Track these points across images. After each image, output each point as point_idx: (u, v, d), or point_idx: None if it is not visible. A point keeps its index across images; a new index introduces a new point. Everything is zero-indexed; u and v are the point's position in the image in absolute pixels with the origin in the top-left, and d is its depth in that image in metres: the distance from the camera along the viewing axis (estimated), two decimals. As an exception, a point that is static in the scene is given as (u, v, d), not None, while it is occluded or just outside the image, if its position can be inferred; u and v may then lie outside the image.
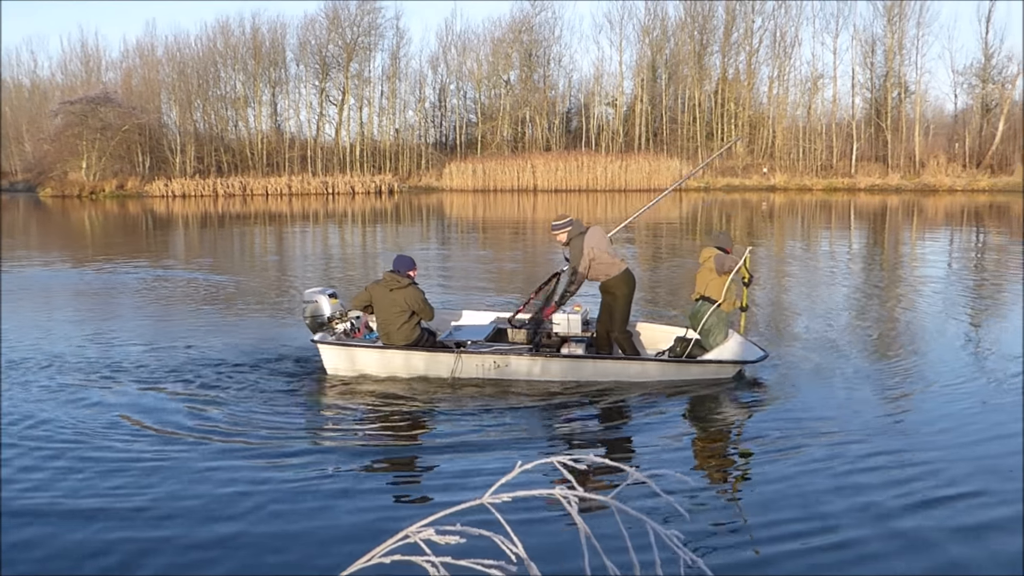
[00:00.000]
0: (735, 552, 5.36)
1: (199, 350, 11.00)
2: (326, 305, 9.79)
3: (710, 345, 9.57)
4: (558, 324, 9.98)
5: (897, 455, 6.89)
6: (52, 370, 9.90)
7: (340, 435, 7.78)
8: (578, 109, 73.84)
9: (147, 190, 60.21)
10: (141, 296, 16.13)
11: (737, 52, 69.42)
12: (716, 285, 9.58)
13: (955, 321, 13.23)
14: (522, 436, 7.57)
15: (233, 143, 69.67)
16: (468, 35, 75.45)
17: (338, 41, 70.45)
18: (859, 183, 59.03)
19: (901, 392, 8.99)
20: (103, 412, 8.25)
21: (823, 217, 37.92)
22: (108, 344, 11.47)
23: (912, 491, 6.15)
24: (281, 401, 8.67)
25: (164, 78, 69.95)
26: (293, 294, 16.40)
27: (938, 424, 7.81)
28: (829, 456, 6.90)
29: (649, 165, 61.21)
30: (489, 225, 35.86)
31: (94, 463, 6.89)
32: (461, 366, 9.23)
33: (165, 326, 12.97)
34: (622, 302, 9.74)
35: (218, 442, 7.38)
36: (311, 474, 6.62)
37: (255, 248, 27.11)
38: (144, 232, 34.52)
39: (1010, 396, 8.68)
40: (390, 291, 9.28)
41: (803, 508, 5.95)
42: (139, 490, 6.35)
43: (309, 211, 45.06)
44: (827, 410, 8.24)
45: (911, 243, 26.69)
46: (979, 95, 63.79)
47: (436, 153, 70.48)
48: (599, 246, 9.77)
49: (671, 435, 7.67)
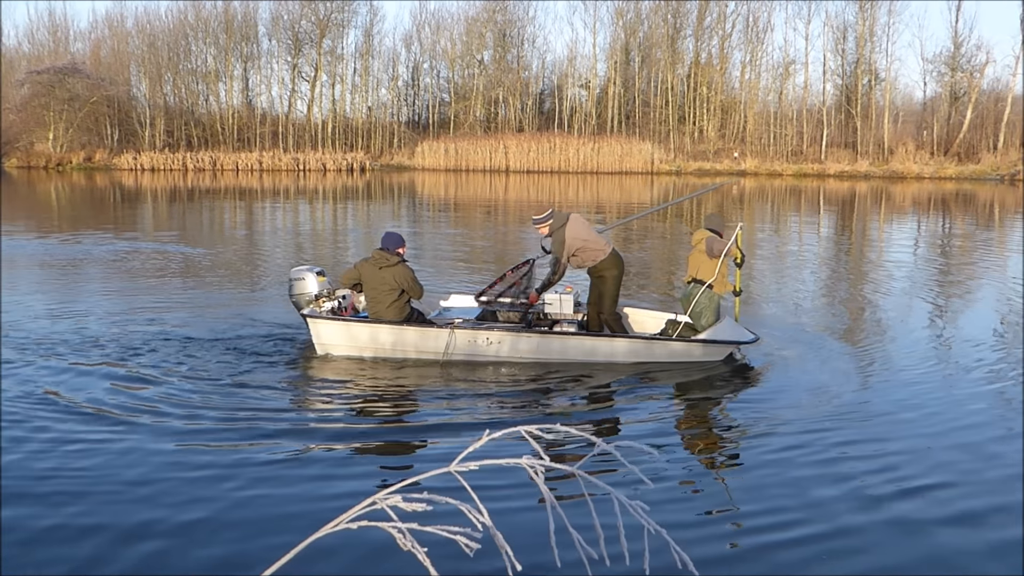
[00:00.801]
0: (704, 527, 5.43)
1: (170, 325, 10.95)
2: (313, 283, 9.69)
3: (701, 327, 9.59)
4: (550, 304, 10.02)
5: (879, 443, 6.95)
6: (8, 342, 9.82)
7: (326, 412, 7.77)
8: (551, 91, 73.72)
9: (115, 163, 59.54)
10: (110, 268, 15.99)
11: (710, 36, 69.56)
12: (708, 268, 9.60)
13: (925, 304, 13.43)
14: (509, 414, 7.64)
15: (204, 117, 68.90)
16: (442, 14, 75.37)
17: (311, 17, 69.76)
18: (828, 169, 59.45)
19: (881, 377, 9.12)
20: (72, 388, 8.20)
21: (792, 202, 38.20)
22: (70, 318, 11.37)
23: (893, 478, 6.21)
24: (266, 378, 8.59)
25: (134, 50, 68.93)
26: (270, 270, 16.33)
27: (918, 409, 7.90)
28: (807, 442, 6.94)
29: (621, 148, 61.25)
30: (461, 204, 35.81)
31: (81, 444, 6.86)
32: (454, 342, 9.18)
33: (137, 300, 12.86)
34: (611, 284, 9.76)
35: (196, 422, 7.36)
36: (288, 451, 6.62)
37: (225, 223, 26.92)
38: (112, 205, 34.15)
39: (980, 380, 8.86)
40: (379, 269, 9.16)
41: (777, 490, 6.03)
42: (112, 471, 6.33)
43: (280, 187, 44.74)
44: (809, 395, 8.31)
45: (879, 229, 26.96)
46: (948, 83, 64.36)
47: (408, 132, 70.14)
48: (581, 234, 9.78)
49: (657, 414, 7.77)
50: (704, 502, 5.87)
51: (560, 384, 8.64)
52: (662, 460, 6.53)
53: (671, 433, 7.38)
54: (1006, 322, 12.09)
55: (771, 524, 5.47)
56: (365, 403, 8.02)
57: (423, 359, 9.26)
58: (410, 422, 7.60)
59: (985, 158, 58.38)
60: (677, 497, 5.93)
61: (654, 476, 6.15)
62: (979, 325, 11.97)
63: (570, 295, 10.03)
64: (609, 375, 8.89)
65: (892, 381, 8.99)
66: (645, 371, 9.03)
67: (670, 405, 8.18)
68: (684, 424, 7.64)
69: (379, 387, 8.47)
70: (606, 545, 1.95)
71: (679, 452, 6.87)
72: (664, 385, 8.72)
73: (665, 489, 6.03)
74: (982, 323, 12.16)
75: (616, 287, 9.82)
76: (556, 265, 9.76)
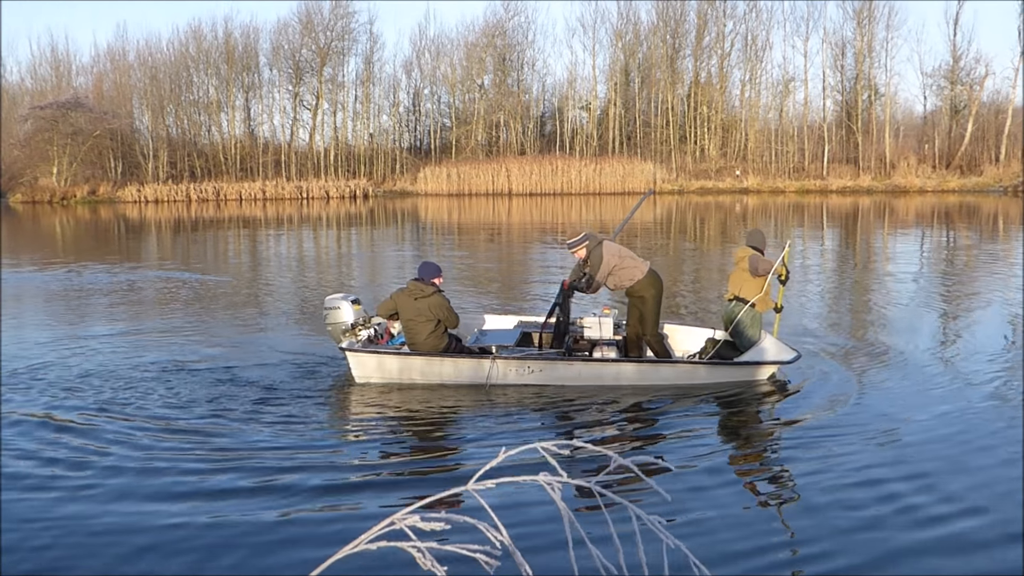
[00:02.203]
0: (724, 544, 5.39)
1: (192, 356, 10.94)
2: (349, 311, 9.63)
3: (744, 346, 9.51)
4: (589, 327, 9.92)
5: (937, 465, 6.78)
6: (24, 375, 9.81)
7: (369, 441, 7.71)
8: (552, 113, 74.01)
9: (119, 196, 59.79)
10: (124, 301, 16.01)
11: (709, 56, 69.82)
12: (750, 286, 9.53)
13: (948, 316, 13.39)
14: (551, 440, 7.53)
15: (206, 148, 69.25)
16: (442, 39, 75.36)
17: (311, 46, 70.22)
18: (831, 185, 59.49)
19: (917, 393, 8.94)
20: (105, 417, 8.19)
21: (796, 219, 38.19)
22: (94, 352, 11.37)
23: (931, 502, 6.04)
24: (306, 410, 8.48)
25: (136, 83, 69.35)
26: (286, 298, 16.35)
27: (952, 426, 7.75)
28: (842, 466, 6.76)
29: (623, 168, 61.40)
30: (464, 228, 35.85)
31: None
32: (496, 372, 9.12)
33: (161, 333, 12.81)
34: (651, 304, 9.62)
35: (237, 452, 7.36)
36: (330, 481, 6.62)
37: (231, 253, 26.96)
38: (116, 238, 34.25)
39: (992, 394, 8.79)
40: (415, 300, 9.11)
41: (803, 518, 5.87)
42: (158, 497, 6.31)
43: (284, 216, 44.86)
44: (850, 414, 8.13)
45: (884, 243, 26.95)
46: (948, 97, 64.51)
47: (410, 157, 70.37)
48: (620, 253, 9.70)
49: (699, 438, 7.61)
50: (738, 530, 5.72)
51: (601, 410, 8.49)
52: (694, 482, 6.43)
53: (713, 456, 7.17)
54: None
55: (807, 556, 5.31)
56: (407, 432, 7.96)
57: (464, 387, 9.16)
58: (451, 448, 7.55)
59: (987, 170, 58.41)
60: (707, 519, 5.86)
61: (683, 498, 6.05)
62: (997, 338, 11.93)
63: (609, 317, 9.87)
64: (650, 400, 8.74)
65: (927, 396, 8.82)
66: (688, 394, 8.87)
67: (711, 429, 7.98)
68: (724, 448, 7.48)
69: (420, 416, 8.38)
70: (627, 561, 1.94)
71: (720, 477, 6.70)
72: (706, 408, 8.54)
73: (695, 513, 5.92)
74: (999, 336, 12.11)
75: (656, 307, 9.68)
76: (591, 280, 9.66)
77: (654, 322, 9.70)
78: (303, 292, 17.33)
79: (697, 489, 6.31)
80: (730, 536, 5.51)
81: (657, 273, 9.81)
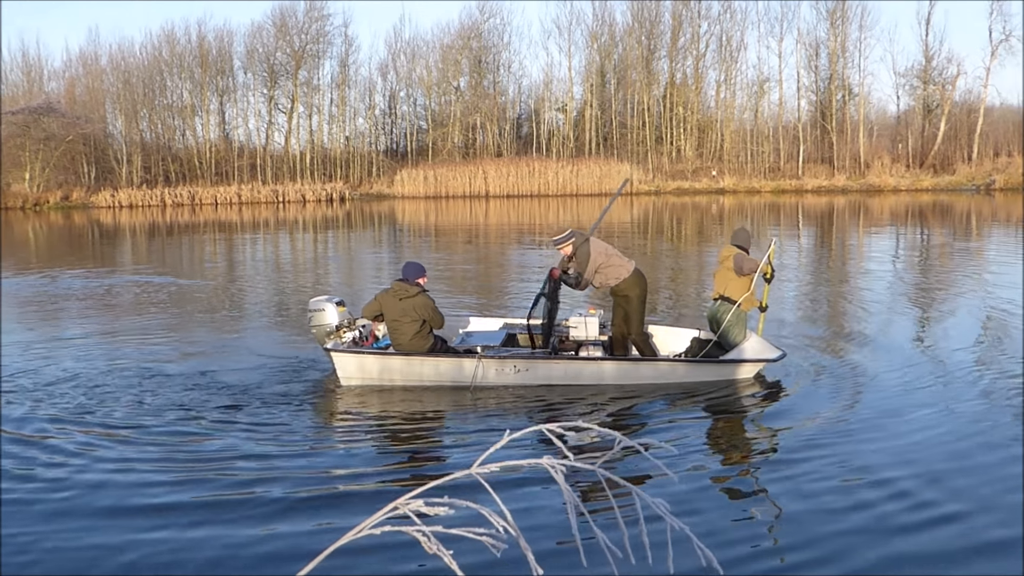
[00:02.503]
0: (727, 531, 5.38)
1: (177, 362, 10.85)
2: (333, 313, 9.56)
3: (730, 345, 9.51)
4: (575, 327, 9.92)
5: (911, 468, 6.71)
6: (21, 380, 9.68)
7: (357, 442, 7.67)
8: (528, 115, 74.02)
9: (93, 201, 59.25)
10: (104, 306, 15.85)
11: (684, 57, 70.08)
12: (736, 285, 9.53)
13: (915, 311, 13.49)
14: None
15: (181, 152, 68.73)
16: (417, 42, 75.21)
17: (286, 49, 69.88)
18: (806, 185, 59.85)
19: (903, 391, 8.90)
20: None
21: (772, 219, 38.40)
22: (85, 358, 11.25)
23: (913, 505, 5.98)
24: (289, 415, 8.38)
25: (108, 87, 68.73)
26: (266, 301, 16.24)
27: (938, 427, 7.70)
28: (834, 462, 6.77)
29: (600, 170, 61.50)
30: (442, 231, 35.80)
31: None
32: (481, 371, 9.07)
33: (142, 339, 12.71)
34: (636, 303, 9.62)
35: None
36: (321, 480, 6.57)
37: (207, 257, 26.78)
38: (91, 243, 33.94)
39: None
40: (399, 300, 9.06)
41: (787, 519, 5.89)
42: (153, 501, 6.23)
43: (260, 220, 44.62)
44: (834, 411, 8.14)
45: (858, 242, 27.13)
46: (920, 96, 65.11)
47: (387, 160, 70.20)
48: (606, 251, 9.69)
49: (686, 435, 7.59)
50: (737, 527, 5.73)
51: (588, 409, 8.48)
52: (687, 481, 6.42)
53: (699, 454, 7.18)
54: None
55: (810, 559, 5.28)
56: (392, 434, 7.91)
57: (450, 388, 9.14)
58: (437, 449, 7.53)
59: (960, 169, 58.97)
60: (703, 510, 5.86)
61: (680, 499, 6.02)
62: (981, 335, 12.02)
63: (595, 317, 9.89)
64: (637, 399, 8.74)
65: (911, 392, 8.85)
66: (674, 393, 8.88)
67: (698, 426, 7.97)
68: (711, 445, 7.45)
69: (406, 416, 8.34)
70: (631, 543, 1.92)
71: (707, 472, 6.71)
72: (692, 406, 8.53)
73: (694, 507, 5.92)
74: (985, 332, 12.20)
75: (641, 307, 9.69)
76: (579, 278, 9.64)
77: (639, 321, 9.70)
78: (280, 296, 17.24)
79: (682, 489, 6.30)
80: (714, 540, 5.45)
81: (642, 273, 9.80)
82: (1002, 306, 13.73)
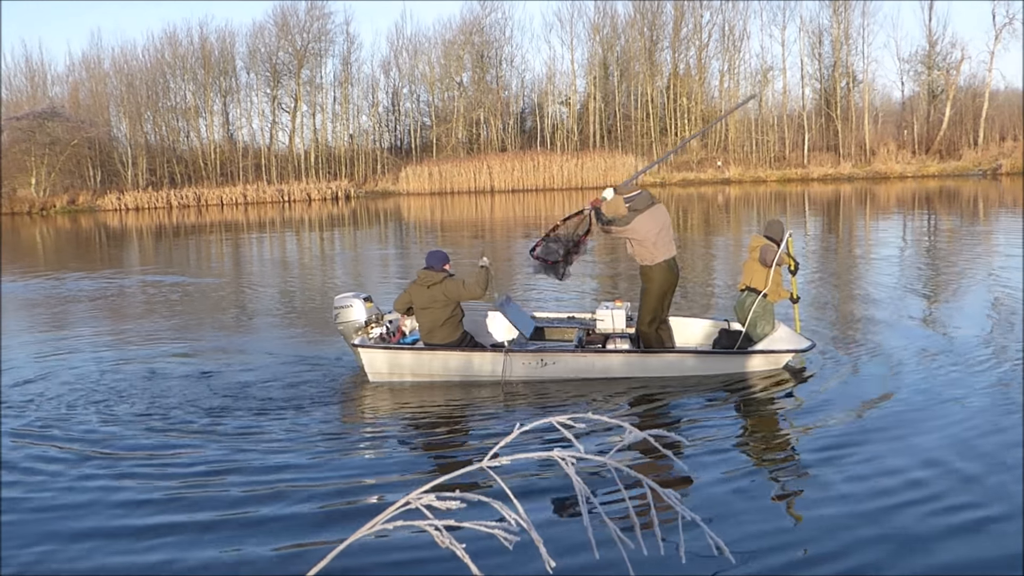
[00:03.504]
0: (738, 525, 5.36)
1: (197, 363, 10.87)
2: (361, 309, 9.56)
3: (757, 336, 9.46)
4: (602, 320, 9.92)
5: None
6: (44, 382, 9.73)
7: (387, 438, 7.72)
8: (532, 109, 73.91)
9: (99, 204, 59.39)
10: (122, 308, 15.89)
11: (687, 47, 69.92)
12: (761, 276, 9.51)
13: (932, 302, 13.45)
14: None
15: (185, 154, 68.84)
16: (419, 38, 75.07)
17: (288, 48, 69.88)
18: (812, 173, 59.67)
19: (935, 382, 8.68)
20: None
21: (779, 208, 38.30)
22: (108, 361, 11.29)
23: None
24: (320, 408, 8.48)
25: (112, 91, 68.90)
26: (281, 300, 16.26)
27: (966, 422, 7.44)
28: (862, 456, 6.63)
29: (604, 162, 61.39)
30: (448, 226, 35.80)
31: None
32: (510, 366, 9.10)
33: (160, 340, 12.72)
34: (649, 295, 9.51)
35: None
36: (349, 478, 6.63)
37: (213, 257, 26.84)
38: (98, 246, 34.02)
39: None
40: (427, 288, 9.14)
41: (815, 509, 5.76)
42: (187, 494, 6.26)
43: (266, 219, 44.66)
44: (865, 404, 7.96)
45: (866, 229, 27.06)
46: (925, 82, 64.84)
47: (391, 157, 70.17)
48: (653, 232, 9.42)
49: (713, 428, 7.55)
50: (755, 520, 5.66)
51: (614, 401, 8.49)
52: (703, 472, 6.39)
53: (726, 447, 7.10)
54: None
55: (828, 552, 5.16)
56: (423, 427, 7.99)
57: (478, 383, 9.18)
58: (467, 439, 7.57)
59: (966, 154, 58.75)
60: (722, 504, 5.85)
61: (704, 493, 6.00)
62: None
63: (622, 310, 9.86)
64: (664, 391, 8.72)
65: (940, 384, 8.63)
66: (702, 385, 8.85)
67: (724, 419, 7.88)
68: (735, 439, 7.34)
69: (435, 411, 8.40)
70: (643, 533, 1.92)
71: (734, 465, 6.65)
72: (719, 398, 8.48)
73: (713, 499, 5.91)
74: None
75: (654, 300, 9.53)
76: (608, 225, 9.42)
77: (647, 311, 9.59)
78: (292, 295, 17.26)
79: (706, 482, 6.28)
80: (739, 532, 5.35)
81: (671, 268, 9.58)
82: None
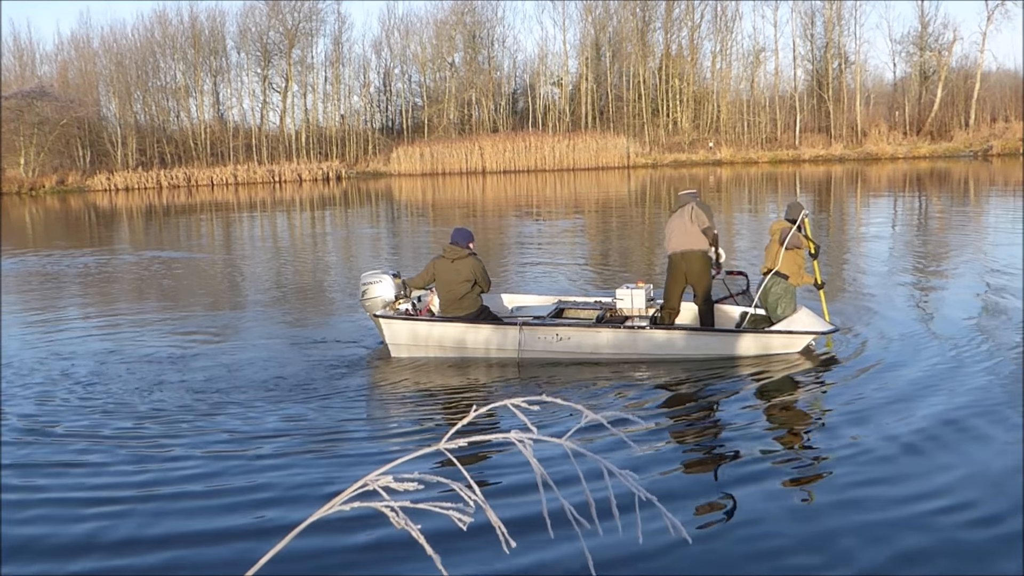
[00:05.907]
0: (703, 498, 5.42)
1: (211, 343, 10.89)
2: (389, 285, 9.76)
3: (777, 318, 9.48)
4: (621, 300, 10.02)
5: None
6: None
7: (407, 410, 8.00)
8: (524, 90, 73.74)
9: (89, 184, 59.16)
10: (129, 288, 15.86)
11: (679, 28, 69.72)
12: (779, 258, 9.60)
13: (944, 285, 13.52)
14: (577, 410, 7.39)
15: (176, 134, 68.54)
16: (411, 18, 75.12)
17: (279, 27, 69.49)
18: (803, 154, 59.68)
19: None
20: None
21: (770, 189, 38.33)
22: (126, 340, 11.28)
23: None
24: (342, 384, 8.76)
25: (101, 70, 68.46)
26: (280, 281, 16.25)
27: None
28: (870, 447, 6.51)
29: (596, 143, 61.33)
30: (440, 207, 35.76)
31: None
32: (525, 339, 9.30)
33: (175, 321, 12.69)
34: (667, 280, 9.88)
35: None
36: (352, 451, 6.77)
37: (203, 237, 26.78)
38: (88, 226, 33.92)
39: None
40: (452, 262, 9.49)
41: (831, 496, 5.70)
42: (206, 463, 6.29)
43: (257, 200, 44.54)
44: (891, 392, 7.83)
45: (856, 209, 27.11)
46: (917, 63, 64.83)
47: (383, 138, 69.99)
48: (667, 228, 9.89)
49: (730, 408, 7.58)
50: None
51: (631, 379, 8.57)
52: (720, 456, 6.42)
53: (740, 429, 7.07)
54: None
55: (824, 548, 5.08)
56: (438, 401, 8.31)
57: (494, 357, 9.44)
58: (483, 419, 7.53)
59: (957, 135, 58.82)
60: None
61: (677, 476, 6.06)
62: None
63: (642, 290, 9.93)
64: (683, 369, 8.75)
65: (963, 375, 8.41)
66: (721, 364, 8.87)
67: (743, 399, 7.88)
68: (752, 421, 7.30)
69: (450, 386, 8.73)
70: (600, 516, 1.95)
71: (755, 444, 6.65)
72: (739, 378, 8.51)
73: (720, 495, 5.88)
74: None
75: (665, 286, 9.94)
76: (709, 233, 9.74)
77: (663, 296, 9.90)
78: (288, 276, 17.25)
79: (724, 467, 6.30)
80: (757, 530, 5.28)
81: (675, 260, 9.72)
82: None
